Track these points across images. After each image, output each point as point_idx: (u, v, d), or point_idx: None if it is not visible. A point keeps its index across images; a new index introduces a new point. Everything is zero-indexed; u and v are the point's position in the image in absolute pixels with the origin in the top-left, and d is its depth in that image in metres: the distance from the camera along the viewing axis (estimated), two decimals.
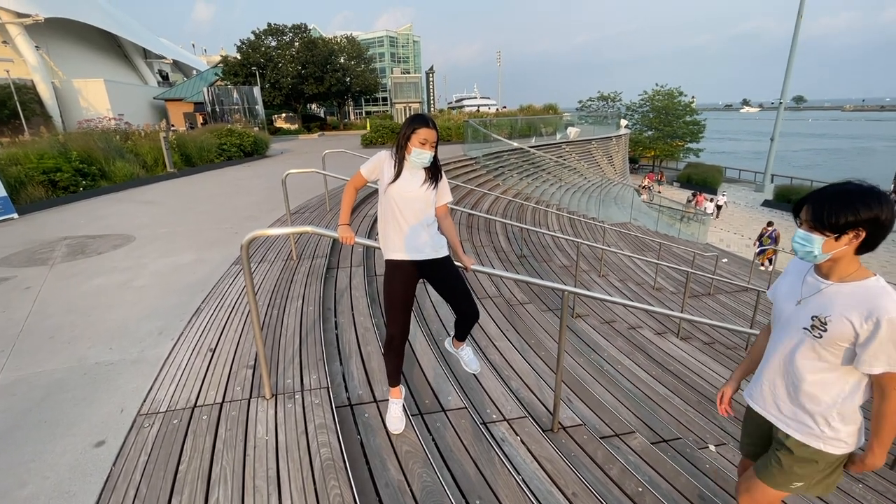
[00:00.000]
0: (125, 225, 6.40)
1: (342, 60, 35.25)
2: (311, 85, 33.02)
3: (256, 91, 26.11)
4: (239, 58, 32.51)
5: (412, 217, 2.05)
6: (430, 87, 50.17)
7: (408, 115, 2.90)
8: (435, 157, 2.06)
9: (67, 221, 6.74)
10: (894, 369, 1.31)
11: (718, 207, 22.29)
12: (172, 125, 22.52)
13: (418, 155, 1.99)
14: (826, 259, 1.39)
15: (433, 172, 2.10)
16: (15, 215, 7.06)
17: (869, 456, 1.47)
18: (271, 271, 4.22)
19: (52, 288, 4.11)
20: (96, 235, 5.86)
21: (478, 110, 34.93)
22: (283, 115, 36.84)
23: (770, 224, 13.99)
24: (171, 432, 2.12)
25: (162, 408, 2.29)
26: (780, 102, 26.59)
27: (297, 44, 33.30)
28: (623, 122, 31.43)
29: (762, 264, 13.36)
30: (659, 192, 26.86)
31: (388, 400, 2.35)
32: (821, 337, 1.40)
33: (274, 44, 33.48)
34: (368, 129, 21.84)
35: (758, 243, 13.84)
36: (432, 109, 47.64)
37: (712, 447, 3.27)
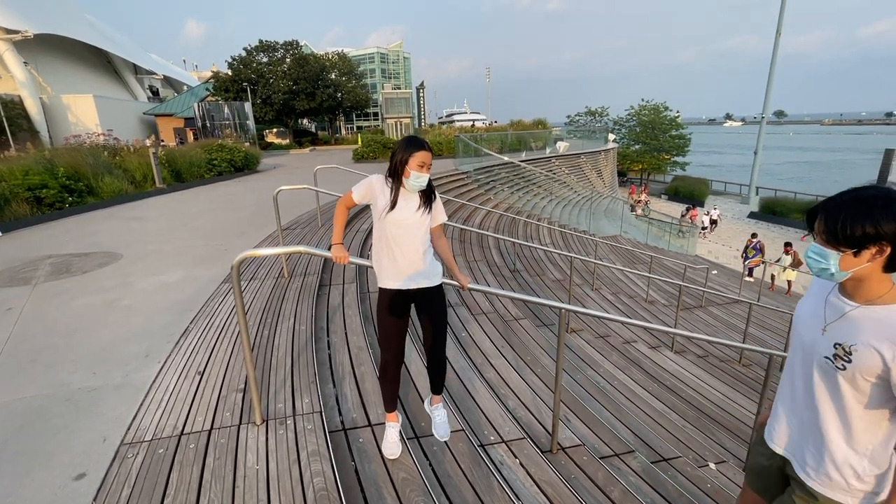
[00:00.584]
0: (112, 242, 6.28)
1: (333, 76, 35.56)
2: (302, 100, 33.17)
3: (247, 106, 26.14)
4: (230, 74, 32.63)
5: (407, 245, 2.03)
6: (421, 102, 50.69)
7: (399, 132, 2.87)
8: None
9: (53, 239, 6.60)
10: None
11: (713, 222, 22.24)
12: (162, 140, 22.40)
13: (417, 178, 1.97)
14: (846, 277, 1.17)
15: (427, 194, 2.08)
16: None
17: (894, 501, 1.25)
18: (262, 289, 4.14)
19: (35, 309, 3.98)
20: (82, 253, 5.73)
21: (472, 125, 35.32)
22: (275, 130, 36.89)
23: (754, 236, 14.22)
24: (156, 462, 2.03)
25: (147, 436, 2.20)
26: (763, 117, 27.27)
27: (288, 60, 33.58)
28: (611, 137, 31.92)
29: (750, 275, 13.53)
30: (646, 202, 27.14)
31: (383, 423, 2.29)
32: (844, 368, 1.17)
33: (265, 60, 33.71)
34: (360, 143, 21.92)
35: (744, 256, 14.03)
36: (423, 124, 48.09)
37: (712, 465, 3.23)
